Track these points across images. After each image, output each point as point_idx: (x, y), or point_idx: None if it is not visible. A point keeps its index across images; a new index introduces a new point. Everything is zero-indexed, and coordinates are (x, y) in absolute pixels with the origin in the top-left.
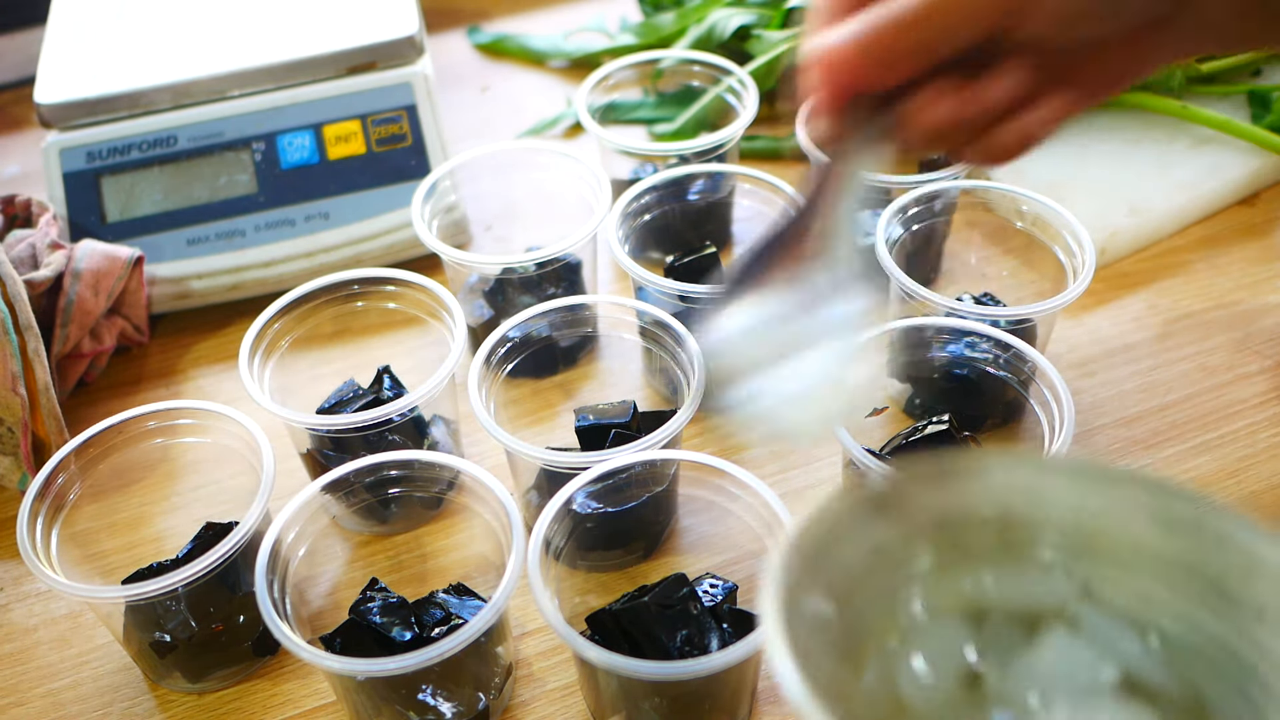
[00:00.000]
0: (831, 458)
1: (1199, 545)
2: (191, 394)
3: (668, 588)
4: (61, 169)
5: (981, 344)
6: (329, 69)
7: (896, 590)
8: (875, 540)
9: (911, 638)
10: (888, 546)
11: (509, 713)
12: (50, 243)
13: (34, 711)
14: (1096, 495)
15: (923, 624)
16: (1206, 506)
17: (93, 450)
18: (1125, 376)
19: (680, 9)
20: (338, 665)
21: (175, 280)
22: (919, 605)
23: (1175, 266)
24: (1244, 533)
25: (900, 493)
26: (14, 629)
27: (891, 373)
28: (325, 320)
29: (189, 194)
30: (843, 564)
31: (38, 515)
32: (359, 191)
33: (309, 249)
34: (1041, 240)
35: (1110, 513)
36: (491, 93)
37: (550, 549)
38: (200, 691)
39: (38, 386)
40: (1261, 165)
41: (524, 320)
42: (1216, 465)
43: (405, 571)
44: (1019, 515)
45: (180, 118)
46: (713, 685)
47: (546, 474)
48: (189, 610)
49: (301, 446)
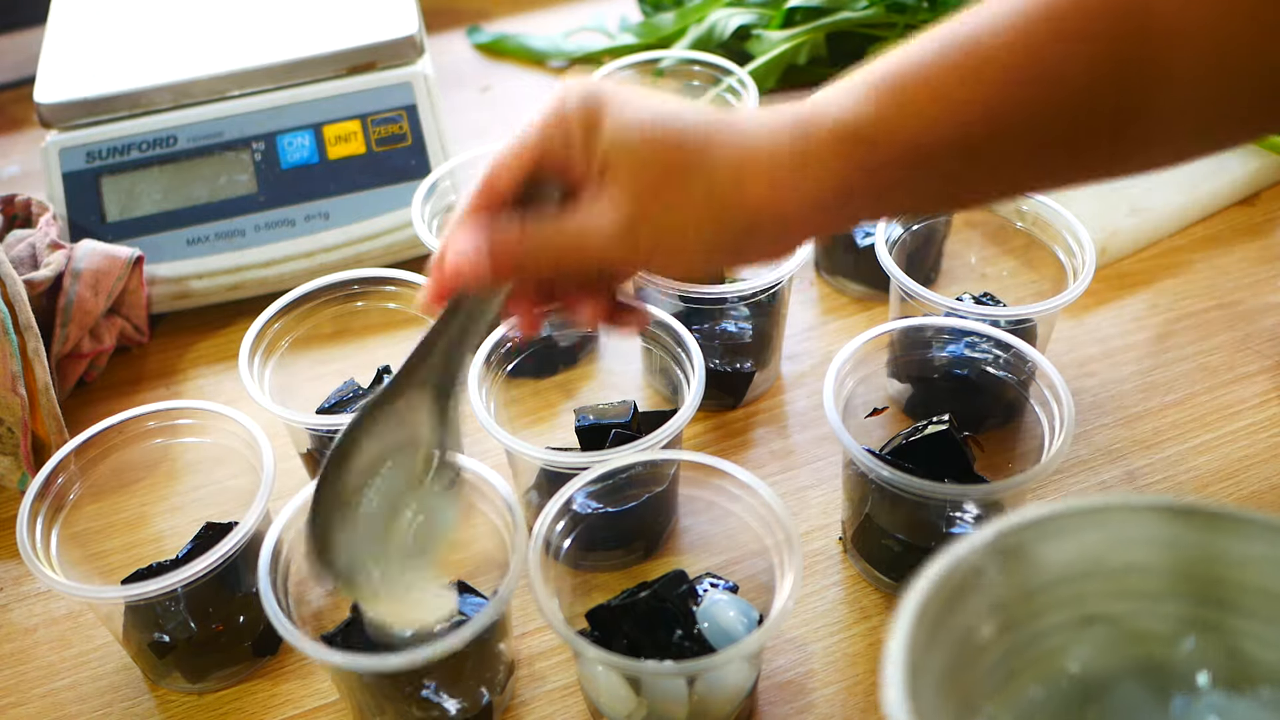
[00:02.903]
0: (832, 458)
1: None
2: (191, 394)
3: (667, 584)
4: (61, 169)
5: (981, 344)
6: (329, 69)
7: (1018, 651)
8: (995, 598)
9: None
10: (1009, 604)
11: (511, 711)
12: (50, 243)
13: (34, 711)
14: (1233, 540)
15: (1044, 693)
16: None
17: (93, 450)
18: (1125, 376)
19: (680, 9)
20: (343, 661)
21: (175, 280)
22: (1038, 671)
23: (1175, 266)
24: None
25: (1022, 545)
26: (14, 629)
27: (891, 373)
28: (325, 320)
29: (189, 194)
30: (963, 624)
31: (38, 515)
32: (359, 191)
33: (309, 249)
34: (1041, 240)
35: (1250, 559)
36: (491, 93)
37: (550, 549)
38: (200, 691)
39: (38, 386)
40: (1261, 165)
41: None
42: (1216, 465)
43: None
44: (1143, 565)
45: (180, 118)
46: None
47: (546, 474)
48: (189, 610)
49: (301, 446)
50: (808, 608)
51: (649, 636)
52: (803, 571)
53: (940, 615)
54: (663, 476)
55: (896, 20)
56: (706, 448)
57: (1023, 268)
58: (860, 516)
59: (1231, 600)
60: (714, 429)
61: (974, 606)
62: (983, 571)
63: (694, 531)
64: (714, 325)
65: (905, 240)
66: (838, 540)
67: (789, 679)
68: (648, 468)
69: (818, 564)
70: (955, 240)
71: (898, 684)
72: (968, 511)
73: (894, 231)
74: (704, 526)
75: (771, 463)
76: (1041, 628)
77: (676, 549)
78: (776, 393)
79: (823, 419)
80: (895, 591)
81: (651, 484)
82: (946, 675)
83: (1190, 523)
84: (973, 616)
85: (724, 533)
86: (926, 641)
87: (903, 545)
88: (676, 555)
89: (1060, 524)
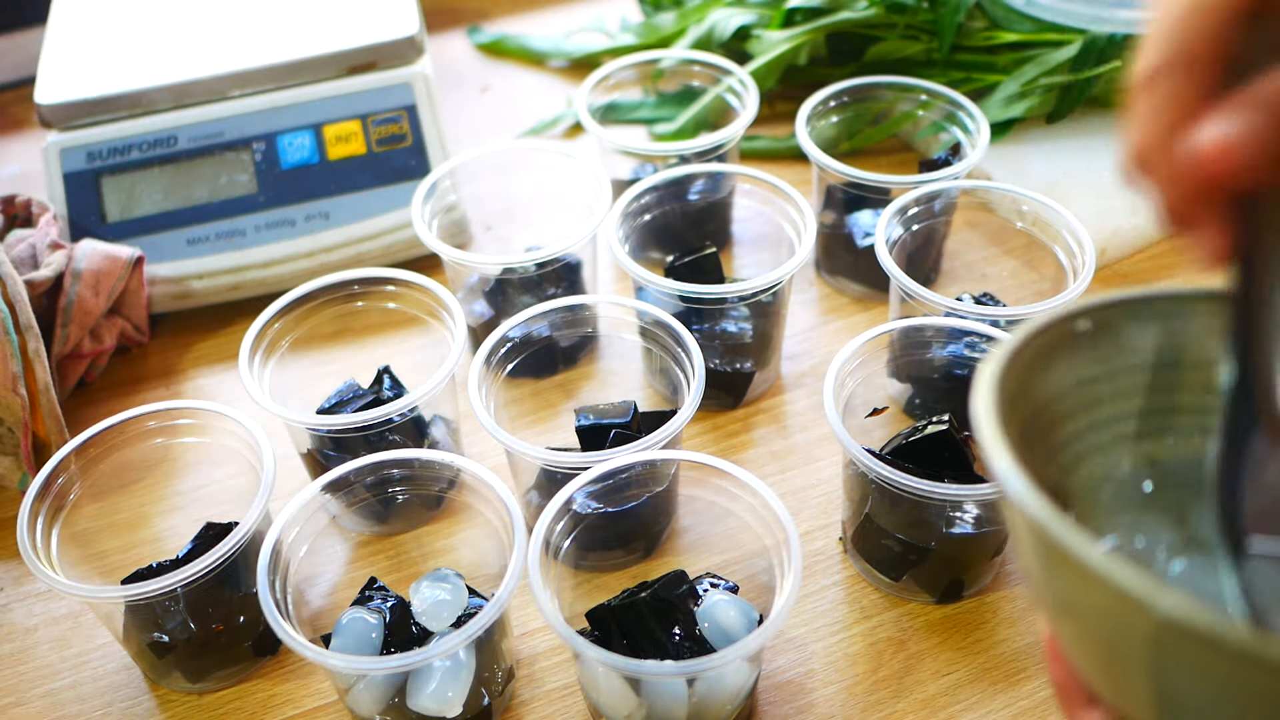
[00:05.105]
0: (832, 458)
1: None
2: (191, 394)
3: (667, 584)
4: (62, 169)
5: (981, 344)
6: (329, 69)
7: (1100, 429)
8: (1081, 375)
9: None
10: (1094, 381)
11: (510, 711)
12: (50, 243)
13: (34, 711)
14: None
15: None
16: None
17: (93, 450)
18: None
19: (680, 9)
20: (341, 664)
21: (175, 280)
22: (1113, 458)
23: (1175, 266)
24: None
25: (1109, 325)
26: (14, 629)
27: (891, 373)
28: (325, 320)
29: (189, 194)
30: (1049, 391)
31: (38, 515)
32: (359, 191)
33: (309, 249)
34: (1041, 240)
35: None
36: (491, 93)
37: (550, 549)
38: (200, 691)
39: (38, 386)
40: None
41: (524, 320)
42: None
43: (405, 571)
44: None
45: (180, 118)
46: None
47: (546, 474)
48: (189, 610)
49: (301, 446)
50: (808, 608)
51: (649, 637)
52: (802, 571)
53: (1027, 372)
54: (663, 476)
55: (896, 20)
56: (706, 448)
57: (1023, 268)
58: (860, 516)
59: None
60: (714, 429)
61: (1060, 374)
62: (1074, 339)
63: (694, 531)
64: (714, 325)
65: (905, 240)
66: (838, 540)
67: (789, 679)
68: (648, 468)
69: (818, 564)
70: (955, 240)
71: (989, 402)
72: (968, 511)
73: (894, 231)
74: (704, 526)
75: (771, 463)
76: (1123, 410)
77: (676, 549)
78: (776, 393)
79: (823, 419)
80: (895, 591)
81: (651, 484)
82: (1029, 430)
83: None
84: (1058, 383)
85: (724, 533)
86: (1014, 391)
87: (903, 545)
88: (676, 555)
89: (1154, 307)
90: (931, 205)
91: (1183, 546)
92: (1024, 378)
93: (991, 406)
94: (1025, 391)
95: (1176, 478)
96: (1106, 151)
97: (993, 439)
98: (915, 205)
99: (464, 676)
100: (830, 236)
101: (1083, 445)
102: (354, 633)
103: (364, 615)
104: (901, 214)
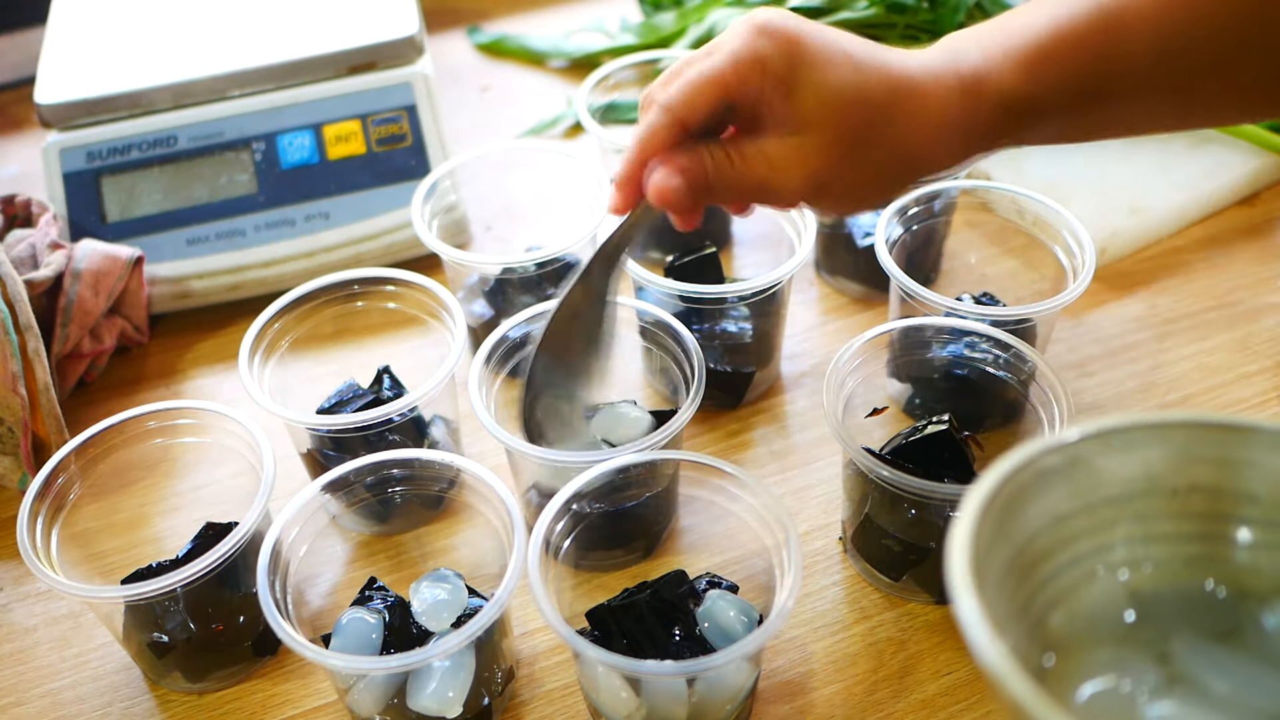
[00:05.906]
0: (832, 458)
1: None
2: (191, 394)
3: (667, 584)
4: (62, 169)
5: (981, 344)
6: (329, 69)
7: (1079, 563)
8: (1057, 511)
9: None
10: (1070, 517)
11: (510, 711)
12: (50, 243)
13: (34, 711)
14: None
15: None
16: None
17: (93, 450)
18: (1125, 376)
19: (680, 9)
20: (341, 664)
21: (175, 280)
22: (1096, 589)
23: (1175, 266)
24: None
25: (1082, 460)
26: (14, 629)
27: (891, 373)
28: (325, 320)
29: (189, 194)
30: (1025, 532)
31: (38, 515)
32: (359, 191)
33: (309, 249)
34: (1041, 240)
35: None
36: (491, 93)
37: (550, 549)
38: (200, 691)
39: (38, 386)
40: (1261, 165)
41: (524, 320)
42: None
43: (405, 571)
44: (1210, 486)
45: (180, 118)
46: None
47: (546, 473)
48: (188, 610)
49: (301, 446)
50: (808, 608)
51: (649, 637)
52: (802, 571)
53: (1002, 516)
54: (663, 476)
55: (896, 20)
56: (706, 448)
57: (1023, 268)
58: (860, 516)
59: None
60: (714, 429)
61: (1035, 513)
62: (1047, 477)
63: (694, 531)
64: (714, 325)
65: (905, 240)
66: (838, 540)
67: (789, 679)
68: (647, 468)
69: (818, 564)
70: (955, 240)
71: (964, 562)
72: None
73: (894, 231)
74: (704, 526)
75: (771, 463)
76: (1101, 543)
77: (676, 549)
78: (776, 393)
79: (823, 419)
80: (895, 591)
81: (651, 484)
82: (1006, 576)
83: (1261, 440)
84: (1033, 523)
85: (724, 533)
86: (990, 538)
87: (903, 545)
88: (676, 555)
89: (1126, 438)
90: (931, 205)
91: (1166, 685)
92: (1000, 521)
93: (967, 570)
94: (1003, 535)
95: (1157, 608)
96: (1106, 151)
97: (971, 609)
98: (915, 205)
99: (464, 676)
100: (830, 236)
101: (1065, 580)
102: (354, 633)
103: (364, 615)
104: (901, 214)
